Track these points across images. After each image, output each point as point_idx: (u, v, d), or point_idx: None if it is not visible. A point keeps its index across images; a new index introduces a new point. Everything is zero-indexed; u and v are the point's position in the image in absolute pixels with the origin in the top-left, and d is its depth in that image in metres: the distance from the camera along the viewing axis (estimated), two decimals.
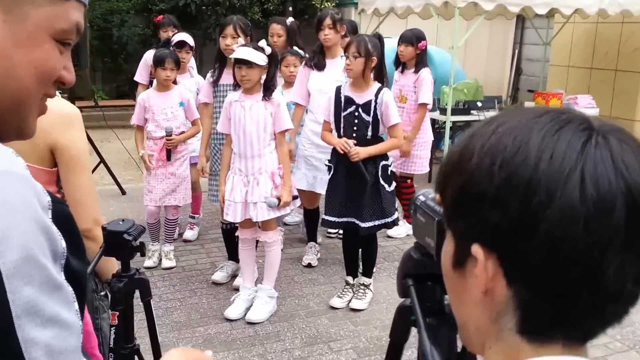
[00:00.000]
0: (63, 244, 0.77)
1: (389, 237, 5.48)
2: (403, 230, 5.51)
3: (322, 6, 12.85)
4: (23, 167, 0.77)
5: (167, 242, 4.99)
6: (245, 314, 4.00)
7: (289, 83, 5.03)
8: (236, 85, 3.89)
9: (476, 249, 0.67)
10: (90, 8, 12.14)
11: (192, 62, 5.49)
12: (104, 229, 1.75)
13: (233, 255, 4.54)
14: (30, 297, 0.69)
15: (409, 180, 5.45)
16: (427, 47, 5.26)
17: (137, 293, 2.07)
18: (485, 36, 13.29)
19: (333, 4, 12.94)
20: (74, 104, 6.91)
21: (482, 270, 0.66)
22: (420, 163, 5.38)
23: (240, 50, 3.71)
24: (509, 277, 0.66)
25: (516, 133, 0.66)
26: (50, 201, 0.77)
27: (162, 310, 4.15)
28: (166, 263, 4.86)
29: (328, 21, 4.61)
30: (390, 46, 7.73)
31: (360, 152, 3.87)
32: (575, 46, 9.27)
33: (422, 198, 1.10)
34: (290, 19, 5.10)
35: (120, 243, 1.71)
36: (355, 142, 3.90)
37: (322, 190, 4.48)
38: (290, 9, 13.09)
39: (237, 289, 4.26)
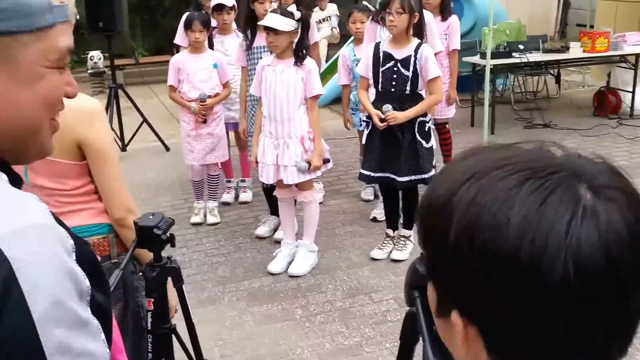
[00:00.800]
0: (87, 282, 0.85)
1: None
2: None
3: None
4: (47, 214, 0.84)
5: (210, 198, 5.11)
6: (287, 268, 4.09)
7: (358, 40, 4.95)
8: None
9: (455, 318, 0.65)
10: None
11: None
12: (135, 224, 1.83)
13: (275, 210, 4.60)
14: (61, 337, 0.77)
15: (447, 125, 5.46)
16: None
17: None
18: None
19: None
20: (113, 62, 7.02)
21: (462, 339, 0.66)
22: (452, 107, 5.35)
23: (268, 17, 3.71)
24: (489, 349, 0.64)
25: (497, 207, 0.61)
26: (73, 244, 0.85)
27: (207, 265, 4.28)
28: (211, 219, 4.99)
29: None
30: None
31: (398, 117, 3.86)
32: None
33: None
34: None
35: (151, 236, 1.78)
36: (390, 106, 3.88)
37: None
38: None
39: (278, 242, 4.36)
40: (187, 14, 4.74)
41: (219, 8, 4.96)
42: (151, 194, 5.73)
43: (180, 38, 5.69)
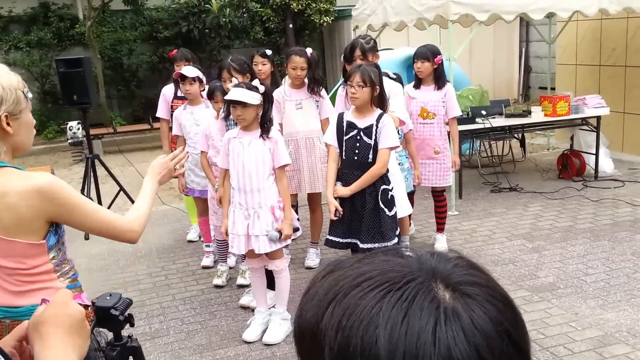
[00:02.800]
0: None
1: None
2: (440, 245, 5.56)
3: (321, 21, 13.01)
4: None
5: (243, 260, 5.03)
6: (262, 336, 4.14)
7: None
8: None
9: None
10: (100, 39, 12.52)
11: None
12: (93, 303, 1.85)
13: None
14: None
15: (444, 193, 5.54)
16: (443, 61, 5.27)
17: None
18: (489, 37, 13.14)
19: (332, 18, 13.10)
20: (88, 133, 7.10)
21: None
22: (450, 174, 5.47)
23: (234, 91, 3.82)
24: None
25: (363, 329, 0.62)
26: None
27: (184, 333, 4.33)
28: (240, 280, 5.02)
29: (357, 52, 4.75)
30: (393, 58, 7.69)
31: (340, 192, 4.06)
32: (580, 44, 9.19)
33: None
34: (309, 50, 5.07)
35: (109, 317, 1.80)
36: (340, 183, 4.08)
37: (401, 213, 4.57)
38: (291, 26, 13.27)
39: (254, 309, 4.40)
40: (207, 86, 4.85)
41: (182, 78, 5.13)
42: (129, 262, 5.78)
43: (161, 111, 5.89)
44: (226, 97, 3.93)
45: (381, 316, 0.61)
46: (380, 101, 4.13)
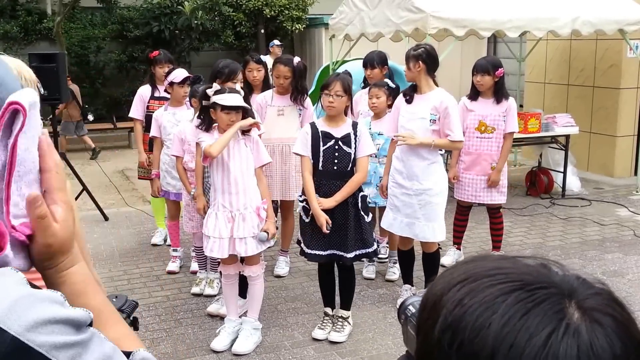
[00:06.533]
0: (90, 315, 0.84)
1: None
2: None
3: (293, 28, 13.01)
4: (26, 283, 0.81)
5: (212, 269, 4.96)
6: (230, 346, 4.02)
7: (376, 115, 5.01)
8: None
9: None
10: (68, 36, 12.29)
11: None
12: None
13: None
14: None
15: (501, 210, 5.42)
16: (504, 74, 5.16)
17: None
18: (457, 52, 13.30)
19: (303, 25, 13.09)
20: (55, 131, 6.90)
21: None
22: (505, 192, 5.33)
23: (230, 97, 3.78)
24: None
25: (480, 311, 0.63)
26: (62, 294, 0.83)
27: (148, 341, 4.16)
28: (208, 290, 4.88)
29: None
30: (358, 68, 7.73)
31: (324, 203, 3.94)
32: (550, 63, 9.36)
33: (412, 309, 1.02)
34: (297, 59, 5.02)
35: None
36: (318, 195, 3.99)
37: (400, 232, 4.49)
38: (262, 31, 13.26)
39: (222, 318, 4.30)
40: (195, 86, 4.72)
41: (184, 81, 5.02)
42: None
43: (136, 111, 5.77)
44: (225, 104, 3.78)
45: (503, 306, 0.63)
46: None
